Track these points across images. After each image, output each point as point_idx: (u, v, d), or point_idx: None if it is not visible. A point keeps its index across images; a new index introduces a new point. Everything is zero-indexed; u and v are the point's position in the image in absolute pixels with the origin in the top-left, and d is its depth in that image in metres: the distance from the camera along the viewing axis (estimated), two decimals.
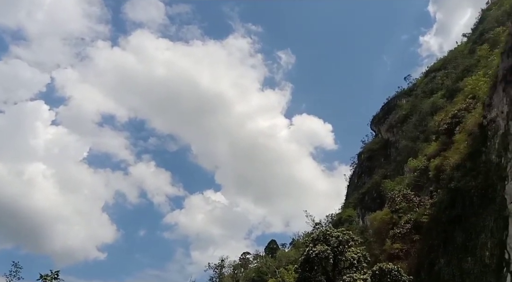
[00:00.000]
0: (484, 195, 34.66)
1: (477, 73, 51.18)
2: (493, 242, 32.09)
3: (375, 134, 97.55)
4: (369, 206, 71.95)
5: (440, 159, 47.89)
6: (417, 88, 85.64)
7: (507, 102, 33.48)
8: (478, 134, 38.34)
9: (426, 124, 66.09)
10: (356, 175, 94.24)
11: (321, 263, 42.77)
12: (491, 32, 60.81)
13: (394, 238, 48.74)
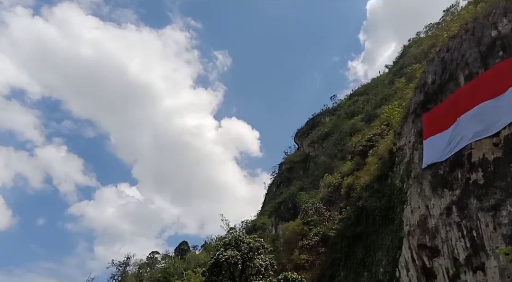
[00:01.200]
0: (385, 216, 37.55)
1: (393, 103, 55.57)
2: (387, 259, 34.82)
3: (297, 147, 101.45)
4: (284, 215, 74.19)
5: (353, 178, 51.01)
6: (340, 109, 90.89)
7: (414, 134, 36.74)
8: (387, 159, 41.49)
9: (344, 144, 70.24)
10: (275, 184, 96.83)
11: (230, 268, 42.88)
12: (409, 68, 66.74)
13: (302, 249, 50.70)
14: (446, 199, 29.84)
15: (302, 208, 59.68)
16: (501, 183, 25.35)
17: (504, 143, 26.60)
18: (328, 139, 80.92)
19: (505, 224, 24.20)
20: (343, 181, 53.89)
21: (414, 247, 32.08)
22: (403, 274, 32.64)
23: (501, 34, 30.60)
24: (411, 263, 32.15)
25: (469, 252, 26.75)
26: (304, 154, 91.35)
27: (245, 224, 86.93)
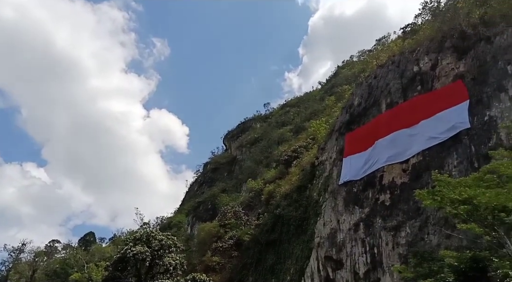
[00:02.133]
0: (300, 226, 38.83)
1: (321, 118, 58.08)
2: (295, 268, 36.00)
3: (225, 148, 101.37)
4: (202, 216, 73.36)
5: (274, 185, 52.12)
6: (272, 117, 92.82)
7: (336, 151, 38.63)
8: (309, 171, 43.06)
9: (271, 152, 71.69)
10: (198, 183, 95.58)
11: (136, 264, 41.08)
12: (339, 87, 70.44)
13: (216, 251, 50.42)
14: (356, 215, 31.71)
15: (221, 210, 59.56)
16: (404, 206, 27.59)
17: (411, 169, 29.05)
18: (256, 145, 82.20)
19: (402, 244, 26.31)
20: (265, 188, 54.92)
21: (321, 258, 33.56)
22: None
23: (422, 70, 33.56)
24: (316, 273, 33.56)
25: (368, 267, 28.65)
26: (231, 156, 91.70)
27: (161, 221, 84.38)
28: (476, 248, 18.77)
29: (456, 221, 20.73)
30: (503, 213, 17.86)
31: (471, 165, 24.17)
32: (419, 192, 20.22)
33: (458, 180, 20.10)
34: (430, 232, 24.67)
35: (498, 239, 18.00)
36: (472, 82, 28.29)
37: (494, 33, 29.21)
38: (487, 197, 17.72)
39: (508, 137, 23.10)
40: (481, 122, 25.74)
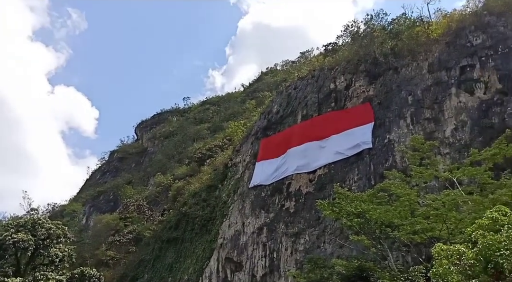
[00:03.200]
0: (204, 225, 38.59)
1: (239, 121, 58.60)
2: (195, 268, 35.64)
3: (136, 138, 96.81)
4: (101, 206, 68.91)
5: (184, 182, 51.10)
6: (190, 112, 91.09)
7: (250, 154, 39.31)
8: (221, 172, 43.11)
9: (185, 147, 70.17)
10: (101, 171, 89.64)
11: (16, 253, 36.82)
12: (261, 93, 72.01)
13: (112, 244, 47.70)
14: (261, 219, 32.56)
15: (124, 202, 56.66)
16: (307, 214, 29.08)
17: (317, 180, 30.78)
18: (170, 138, 79.83)
19: (300, 250, 27.67)
20: (174, 184, 53.58)
21: (222, 259, 33.75)
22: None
23: (337, 88, 35.85)
24: (215, 274, 33.64)
25: (266, 271, 29.59)
26: (141, 147, 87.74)
27: (52, 208, 77.04)
28: (363, 259, 20.40)
29: (350, 233, 22.37)
30: (389, 228, 19.73)
31: (369, 182, 26.36)
32: (320, 202, 21.34)
33: (356, 195, 21.71)
34: (326, 241, 26.30)
35: (382, 252, 19.83)
36: (379, 106, 30.97)
37: (401, 65, 32.40)
38: (377, 213, 19.38)
39: (402, 161, 25.67)
40: (381, 144, 28.26)
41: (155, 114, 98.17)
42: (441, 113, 27.00)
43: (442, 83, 28.54)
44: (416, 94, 29.24)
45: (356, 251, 22.79)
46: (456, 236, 16.61)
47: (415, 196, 20.13)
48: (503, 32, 28.31)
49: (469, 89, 27.00)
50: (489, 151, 20.55)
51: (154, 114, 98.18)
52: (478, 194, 18.88)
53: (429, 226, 18.50)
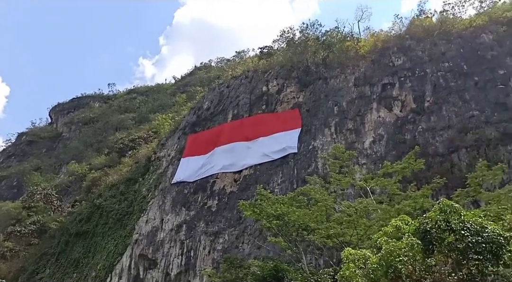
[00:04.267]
0: (120, 220, 36.60)
1: (168, 114, 56.83)
2: (104, 264, 33.60)
3: (50, 121, 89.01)
4: (2, 192, 62.10)
5: (101, 173, 48.07)
6: (115, 100, 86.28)
7: (176, 149, 38.26)
8: (143, 165, 41.32)
9: (106, 136, 66.18)
10: (5, 154, 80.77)
11: None
12: (193, 87, 70.67)
13: (11, 235, 43.14)
14: (181, 217, 31.76)
15: (29, 189, 51.61)
16: (228, 214, 29.02)
17: (242, 180, 30.91)
18: (90, 125, 74.72)
19: (218, 250, 27.50)
20: (90, 174, 50.22)
21: (135, 256, 32.27)
22: (114, 281, 32.12)
23: (269, 91, 36.46)
24: (126, 271, 32.07)
25: (181, 269, 28.90)
26: (55, 132, 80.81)
27: None
28: (279, 260, 20.84)
29: (268, 234, 22.73)
30: (305, 231, 20.42)
31: (291, 185, 27.10)
32: (242, 203, 21.39)
33: (277, 197, 22.14)
34: (245, 241, 26.47)
35: (297, 254, 20.43)
36: (306, 113, 32.08)
37: (331, 76, 33.98)
38: (296, 215, 19.95)
39: (323, 167, 26.81)
40: (306, 150, 29.27)
41: (75, 98, 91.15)
42: (362, 125, 28.75)
43: (365, 97, 30.44)
44: (342, 105, 30.81)
45: (273, 253, 23.25)
46: (364, 242, 17.67)
47: (332, 202, 21.10)
48: (421, 56, 31.05)
49: (388, 106, 29.14)
50: (399, 164, 22.27)
51: (74, 98, 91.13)
52: (387, 204, 20.32)
53: (342, 231, 19.47)
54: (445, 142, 24.90)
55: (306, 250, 21.36)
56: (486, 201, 18.39)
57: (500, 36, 29.40)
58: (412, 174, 22.09)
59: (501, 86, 26.02)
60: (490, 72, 27.06)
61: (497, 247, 10.29)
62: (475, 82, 27.13)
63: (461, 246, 10.38)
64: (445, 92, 27.61)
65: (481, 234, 10.41)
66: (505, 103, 24.85)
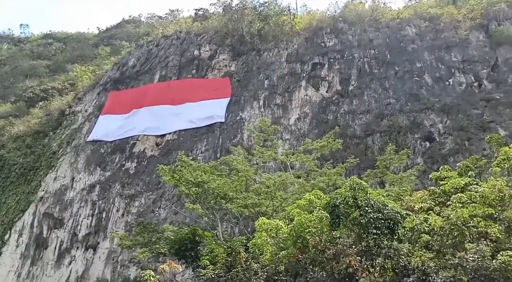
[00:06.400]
0: (24, 174, 33.69)
1: (88, 66, 52.62)
2: (3, 220, 30.95)
3: None
4: None
5: (6, 122, 43.39)
6: (27, 43, 77.55)
7: (95, 105, 35.74)
8: (56, 118, 38.11)
9: (13, 83, 59.47)
10: None
11: None
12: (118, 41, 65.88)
13: None
14: (95, 176, 30.10)
15: None
16: (147, 178, 28.17)
17: (164, 145, 30.03)
18: None
19: (133, 213, 26.75)
20: None
21: (39, 214, 30.10)
22: (13, 238, 29.83)
23: (201, 56, 35.34)
24: (29, 229, 29.87)
25: (90, 231, 27.68)
26: None
27: None
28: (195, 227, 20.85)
29: (186, 201, 22.62)
30: (223, 200, 20.67)
31: (215, 154, 27.04)
32: (162, 167, 20.93)
33: (199, 165, 22.00)
34: (162, 206, 26.08)
35: (213, 221, 20.69)
36: (237, 84, 31.83)
37: (265, 48, 33.91)
38: (216, 184, 20.06)
39: (248, 139, 27.10)
40: (233, 120, 29.23)
41: None
42: (289, 102, 29.39)
43: (295, 74, 31.01)
44: (272, 80, 31.07)
45: (190, 219, 23.27)
46: (279, 213, 18.41)
47: (252, 173, 21.54)
48: (351, 41, 32.26)
49: (315, 85, 30.06)
50: (319, 143, 23.37)
51: None
52: (304, 178, 21.31)
53: (259, 201, 20.06)
54: (362, 125, 26.56)
55: (222, 218, 21.71)
56: (390, 182, 20.17)
57: (422, 31, 31.59)
58: (330, 153, 23.34)
59: (417, 79, 28.23)
60: (410, 64, 29.12)
61: (394, 224, 11.35)
62: (395, 72, 29.05)
63: (364, 221, 11.25)
64: (368, 78, 29.20)
65: (382, 211, 11.37)
66: (418, 95, 27.08)
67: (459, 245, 10.75)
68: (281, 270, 12.87)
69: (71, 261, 26.80)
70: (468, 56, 28.56)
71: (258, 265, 13.32)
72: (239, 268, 13.29)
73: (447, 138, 24.23)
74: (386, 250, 11.16)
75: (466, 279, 9.49)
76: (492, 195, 11.55)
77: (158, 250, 20.23)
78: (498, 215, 11.26)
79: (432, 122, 25.37)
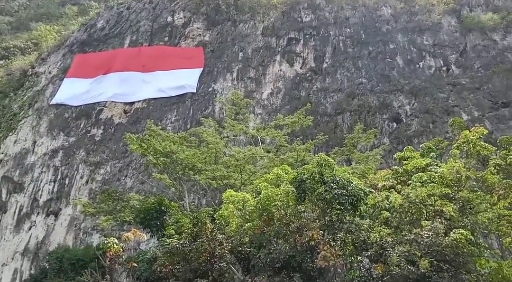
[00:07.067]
0: None
1: (53, 25, 49.91)
2: None
3: None
4: None
5: None
6: None
7: (59, 67, 34.09)
8: (17, 79, 36.19)
9: None
10: None
11: None
12: (87, 1, 62.59)
13: None
14: (58, 142, 29.04)
15: None
16: (113, 145, 27.46)
17: (133, 113, 29.20)
18: None
19: (98, 180, 26.19)
20: None
21: None
22: None
23: (174, 23, 34.10)
24: None
25: (52, 196, 26.91)
26: None
27: None
28: (162, 197, 20.74)
29: (154, 170, 22.36)
30: (192, 171, 20.60)
31: (185, 125, 26.66)
32: (129, 136, 20.52)
33: (168, 134, 21.67)
34: (129, 175, 25.68)
35: (181, 192, 20.65)
36: (211, 54, 31.12)
37: (240, 20, 33.13)
38: (184, 155, 19.91)
39: (220, 112, 26.85)
40: (205, 92, 28.75)
41: None
42: (263, 76, 29.15)
43: (270, 48, 30.63)
44: (247, 52, 30.58)
45: (157, 189, 23.10)
46: (247, 186, 18.58)
47: (222, 146, 21.50)
48: (327, 17, 32.06)
49: (290, 61, 29.87)
50: (291, 119, 23.49)
51: None
52: (273, 153, 21.48)
53: (228, 174, 20.13)
54: (334, 104, 26.85)
55: (190, 190, 21.69)
56: (357, 160, 20.70)
57: (397, 12, 31.77)
58: (301, 129, 23.55)
59: (389, 60, 28.63)
60: (383, 44, 29.39)
61: (357, 200, 11.71)
62: (369, 52, 29.27)
63: (328, 196, 11.53)
64: (342, 56, 29.30)
65: (346, 188, 11.67)
66: (389, 76, 27.53)
67: (416, 222, 11.27)
68: (245, 241, 13.13)
69: (31, 227, 26.13)
70: (439, 41, 29.09)
71: (223, 236, 13.50)
72: (204, 239, 13.41)
73: (413, 120, 24.95)
74: (348, 225, 11.55)
75: (419, 254, 9.99)
76: (450, 176, 12.08)
77: (122, 218, 20.08)
78: (454, 195, 11.82)
79: (401, 104, 25.99)
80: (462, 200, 11.68)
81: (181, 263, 13.82)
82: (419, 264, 9.66)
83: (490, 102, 24.97)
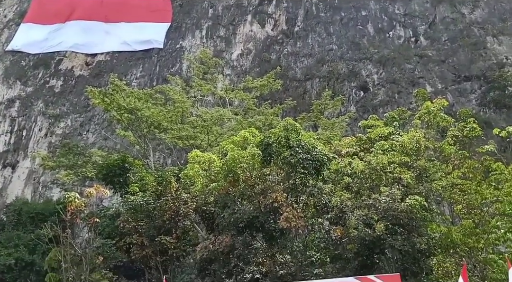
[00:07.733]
0: None
1: None
2: None
3: None
4: None
5: None
6: None
7: (15, 11, 31.83)
8: None
9: None
10: None
11: None
12: None
13: None
14: (14, 91, 27.44)
15: None
16: (74, 99, 26.19)
17: (95, 65, 27.81)
18: None
19: (58, 134, 25.22)
20: None
21: None
22: None
23: None
24: None
25: (9, 148, 25.83)
26: None
27: None
28: (126, 154, 20.35)
29: (118, 127, 21.79)
30: (157, 129, 20.25)
31: (151, 82, 25.82)
32: (91, 89, 19.83)
33: (133, 91, 21.01)
34: (91, 130, 24.90)
35: (145, 150, 20.33)
36: (179, 8, 29.66)
37: None
38: (150, 112, 19.51)
39: (188, 70, 26.10)
40: (172, 48, 27.69)
41: None
42: (233, 36, 28.35)
43: (242, 7, 29.61)
44: (217, 9, 29.44)
45: (120, 146, 22.64)
46: (213, 147, 18.55)
47: (189, 105, 21.13)
48: None
49: (261, 22, 29.10)
50: (260, 82, 23.27)
51: None
52: (241, 116, 21.41)
53: (194, 134, 19.97)
54: (303, 69, 26.75)
55: (155, 148, 21.42)
56: (323, 127, 21.07)
57: None
58: (269, 93, 23.47)
59: (360, 27, 28.52)
60: (355, 11, 29.11)
61: (320, 165, 12.01)
62: (341, 18, 28.97)
63: (293, 160, 11.74)
64: (314, 21, 28.86)
65: (310, 153, 11.91)
66: (359, 44, 27.57)
67: (375, 188, 11.80)
68: (210, 201, 13.29)
69: None
70: (410, 11, 29.15)
71: (188, 195, 13.59)
72: (169, 197, 13.44)
73: (380, 89, 25.45)
74: (311, 189, 11.89)
75: (376, 218, 10.54)
76: (410, 145, 12.59)
77: (84, 173, 19.71)
78: (412, 163, 12.39)
79: (369, 73, 26.31)
80: (420, 168, 12.27)
81: (145, 220, 13.90)
82: (376, 227, 10.19)
83: (453, 75, 25.73)
